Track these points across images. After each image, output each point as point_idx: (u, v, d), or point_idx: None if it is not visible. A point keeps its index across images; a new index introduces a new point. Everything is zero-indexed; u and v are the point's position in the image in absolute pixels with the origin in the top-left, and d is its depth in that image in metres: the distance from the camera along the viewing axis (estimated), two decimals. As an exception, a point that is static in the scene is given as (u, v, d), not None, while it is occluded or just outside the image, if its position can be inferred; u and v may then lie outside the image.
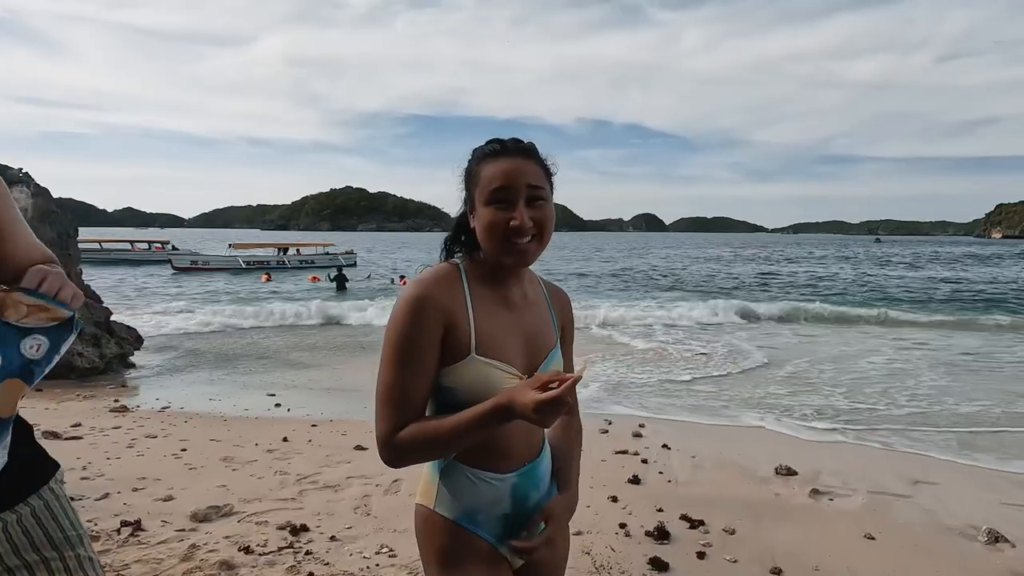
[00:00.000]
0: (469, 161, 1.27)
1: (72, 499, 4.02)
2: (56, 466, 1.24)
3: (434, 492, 1.26)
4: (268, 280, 25.16)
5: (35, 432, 1.25)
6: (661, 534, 3.44)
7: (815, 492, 4.18)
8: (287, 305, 15.47)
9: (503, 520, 1.26)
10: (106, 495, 3.81)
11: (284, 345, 11.15)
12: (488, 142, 1.25)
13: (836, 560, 3.25)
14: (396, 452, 1.15)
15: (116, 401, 6.45)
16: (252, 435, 5.34)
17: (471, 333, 1.18)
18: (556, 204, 1.29)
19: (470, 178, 1.25)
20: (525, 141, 1.25)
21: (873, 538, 3.52)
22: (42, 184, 10.18)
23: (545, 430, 1.38)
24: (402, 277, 22.83)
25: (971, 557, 3.33)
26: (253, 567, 2.97)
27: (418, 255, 52.27)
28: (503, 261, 1.21)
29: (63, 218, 10.45)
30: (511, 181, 1.17)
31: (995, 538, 3.48)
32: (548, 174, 1.25)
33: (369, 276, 26.05)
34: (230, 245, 35.09)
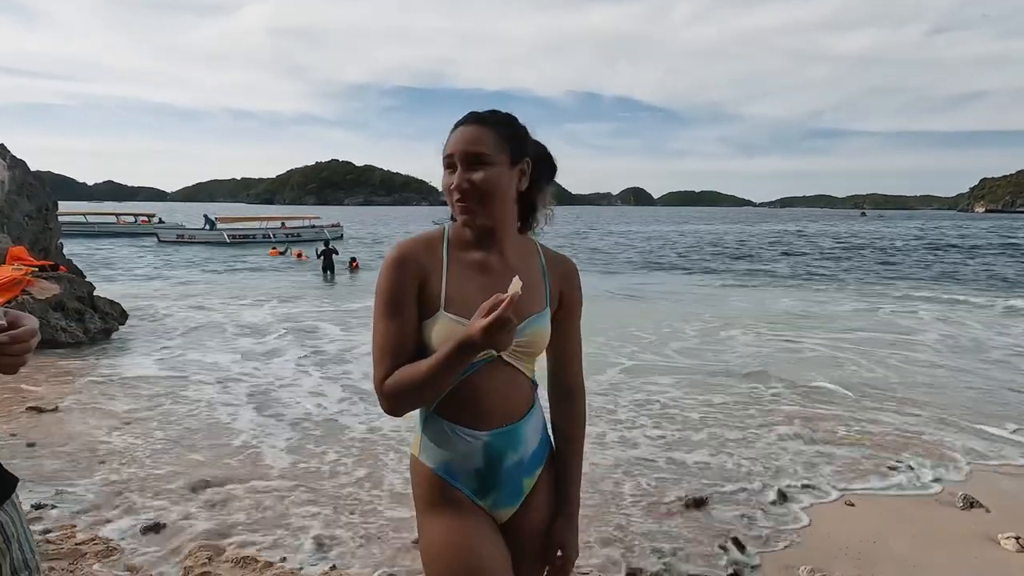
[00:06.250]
0: None
1: (59, 473, 3.95)
2: (14, 482, 1.08)
3: (419, 442, 1.34)
4: (276, 254, 23.03)
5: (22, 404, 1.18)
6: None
7: (797, 461, 4.27)
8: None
9: (476, 475, 1.30)
10: (94, 467, 3.82)
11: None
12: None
13: (816, 526, 3.34)
14: (387, 398, 1.23)
15: (101, 375, 6.42)
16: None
17: (442, 290, 1.26)
18: None
19: None
20: (502, 112, 1.32)
21: (853, 505, 3.62)
22: (19, 156, 9.95)
23: (550, 413, 1.44)
24: (353, 260, 20.36)
25: (947, 522, 3.43)
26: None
27: (384, 231, 49.60)
28: (459, 221, 1.31)
29: (42, 191, 10.25)
30: (453, 148, 1.27)
31: (970, 503, 3.59)
32: (508, 141, 1.28)
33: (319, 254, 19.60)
34: (204, 216, 35.82)
